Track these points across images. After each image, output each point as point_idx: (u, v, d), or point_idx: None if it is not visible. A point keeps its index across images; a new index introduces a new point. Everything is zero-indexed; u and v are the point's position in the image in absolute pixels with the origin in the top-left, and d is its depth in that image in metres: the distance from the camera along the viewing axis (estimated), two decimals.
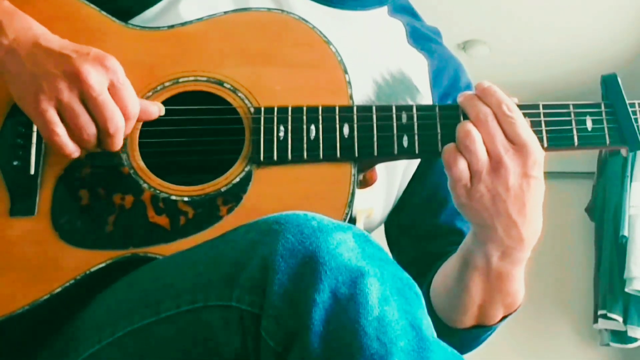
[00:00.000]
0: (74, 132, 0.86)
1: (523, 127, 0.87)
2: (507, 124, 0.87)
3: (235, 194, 0.89)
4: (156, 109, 0.91)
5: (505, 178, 0.86)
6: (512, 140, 0.87)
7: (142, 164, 0.92)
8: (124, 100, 0.87)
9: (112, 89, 0.86)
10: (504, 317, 1.00)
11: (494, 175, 0.86)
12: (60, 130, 0.85)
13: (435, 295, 1.03)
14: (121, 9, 0.99)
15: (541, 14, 3.58)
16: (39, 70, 0.85)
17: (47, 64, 0.85)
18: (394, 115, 0.92)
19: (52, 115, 0.84)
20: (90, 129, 0.86)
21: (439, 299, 1.01)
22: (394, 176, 1.08)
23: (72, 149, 0.87)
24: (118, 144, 0.88)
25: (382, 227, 1.17)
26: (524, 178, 0.86)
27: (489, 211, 0.87)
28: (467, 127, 0.87)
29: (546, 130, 0.91)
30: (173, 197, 0.90)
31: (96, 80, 0.84)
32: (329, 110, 0.92)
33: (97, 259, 0.87)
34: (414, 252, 1.12)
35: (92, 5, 0.98)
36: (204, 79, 0.94)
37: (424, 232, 1.12)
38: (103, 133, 0.86)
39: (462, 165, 0.87)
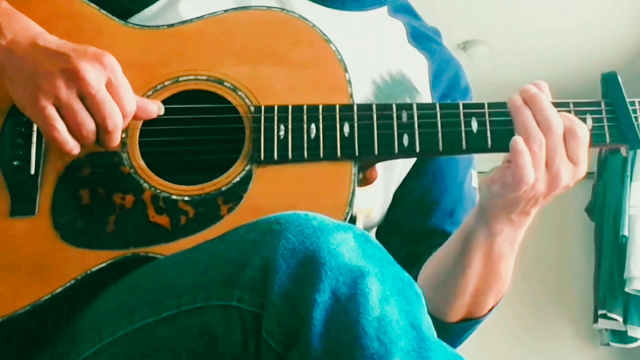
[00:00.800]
0: (73, 129, 0.85)
1: (585, 147, 0.89)
2: (574, 145, 0.88)
3: (235, 194, 0.89)
4: (155, 108, 0.91)
5: (555, 191, 0.89)
6: (572, 157, 0.88)
7: (142, 163, 0.91)
8: (121, 98, 0.86)
9: (110, 87, 0.86)
10: (491, 310, 1.02)
11: (548, 189, 0.88)
12: (60, 125, 0.85)
13: (424, 288, 1.02)
14: (121, 8, 0.99)
15: (541, 14, 3.57)
16: (36, 69, 0.85)
17: (45, 63, 0.85)
18: (395, 114, 0.92)
19: (51, 111, 0.84)
20: (89, 125, 0.86)
21: (428, 292, 1.01)
22: (391, 176, 1.08)
23: (73, 145, 0.86)
24: (116, 140, 0.88)
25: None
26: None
27: (520, 209, 0.91)
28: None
29: None
30: (173, 197, 0.89)
31: (94, 77, 0.84)
32: (329, 109, 0.92)
33: (97, 259, 0.87)
34: (402, 252, 1.11)
35: (91, 4, 0.98)
36: (204, 77, 0.94)
37: (413, 233, 1.12)
38: (102, 130, 0.86)
39: (532, 174, 0.87)
